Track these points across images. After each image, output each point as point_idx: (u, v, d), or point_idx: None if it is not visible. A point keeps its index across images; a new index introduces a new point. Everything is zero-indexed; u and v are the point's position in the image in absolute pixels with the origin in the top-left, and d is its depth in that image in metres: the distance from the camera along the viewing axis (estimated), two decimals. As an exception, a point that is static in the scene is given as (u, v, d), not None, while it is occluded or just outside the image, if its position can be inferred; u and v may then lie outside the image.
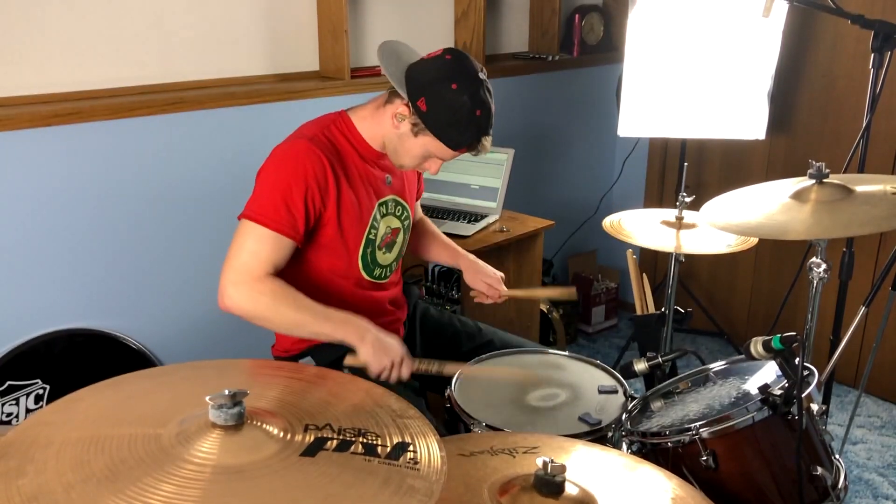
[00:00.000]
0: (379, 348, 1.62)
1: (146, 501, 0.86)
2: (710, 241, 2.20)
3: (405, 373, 1.65)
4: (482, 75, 1.65)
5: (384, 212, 1.82)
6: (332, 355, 1.75)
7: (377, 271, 1.83)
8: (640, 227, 2.30)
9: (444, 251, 2.11)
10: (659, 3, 2.81)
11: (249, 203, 1.64)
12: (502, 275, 2.05)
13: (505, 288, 2.03)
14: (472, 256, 2.08)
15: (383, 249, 1.83)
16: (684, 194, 2.30)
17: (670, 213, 2.34)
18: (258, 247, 1.60)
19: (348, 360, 1.65)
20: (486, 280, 2.02)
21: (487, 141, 1.69)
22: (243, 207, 1.64)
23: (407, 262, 2.78)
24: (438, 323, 2.06)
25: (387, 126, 1.71)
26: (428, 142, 1.67)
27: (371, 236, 1.78)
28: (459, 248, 2.11)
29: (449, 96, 1.61)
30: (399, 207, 1.86)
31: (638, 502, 1.21)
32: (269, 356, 1.90)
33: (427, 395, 1.93)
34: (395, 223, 1.86)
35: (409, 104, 1.64)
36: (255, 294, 1.59)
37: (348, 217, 1.71)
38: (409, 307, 2.02)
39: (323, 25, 2.61)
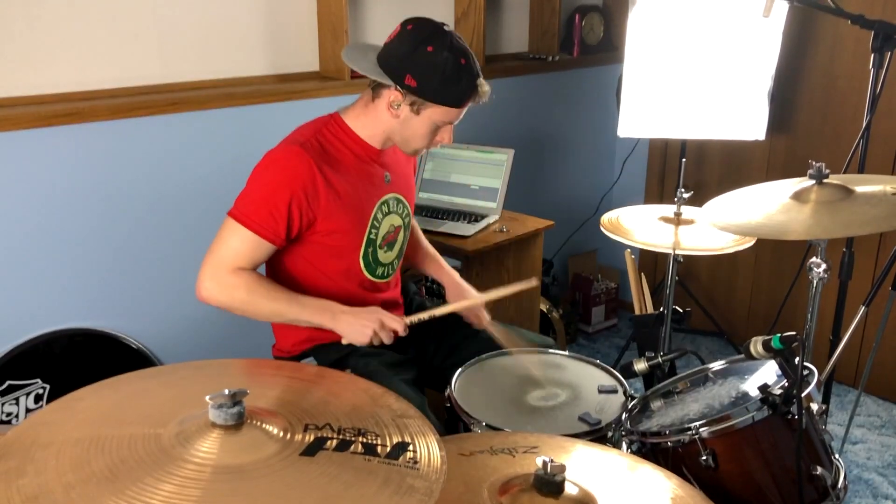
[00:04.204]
0: (353, 319, 1.66)
1: (146, 501, 0.86)
2: (708, 240, 2.19)
3: (398, 328, 1.67)
4: (447, 27, 1.65)
5: (386, 210, 1.82)
6: (333, 355, 1.75)
7: (379, 270, 1.83)
8: (639, 224, 2.30)
9: (429, 264, 2.09)
10: (659, 3, 2.81)
11: (237, 201, 1.66)
12: (484, 298, 1.93)
13: (487, 316, 1.95)
14: (455, 276, 2.04)
15: (384, 248, 1.83)
16: (682, 190, 2.30)
17: (669, 210, 2.34)
18: (238, 245, 1.64)
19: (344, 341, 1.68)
20: (467, 305, 1.96)
21: (484, 84, 1.68)
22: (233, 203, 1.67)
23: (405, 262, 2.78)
24: (437, 321, 2.06)
25: (385, 119, 1.70)
26: (432, 113, 1.67)
27: (372, 236, 1.78)
28: (444, 265, 2.08)
29: (431, 59, 1.61)
30: (400, 205, 1.86)
31: (638, 502, 1.21)
32: (269, 356, 1.90)
33: (426, 394, 1.93)
34: (397, 221, 1.86)
35: (398, 87, 1.64)
36: (229, 286, 1.64)
37: (346, 219, 1.71)
38: (406, 305, 2.02)
39: (323, 25, 2.61)
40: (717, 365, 1.71)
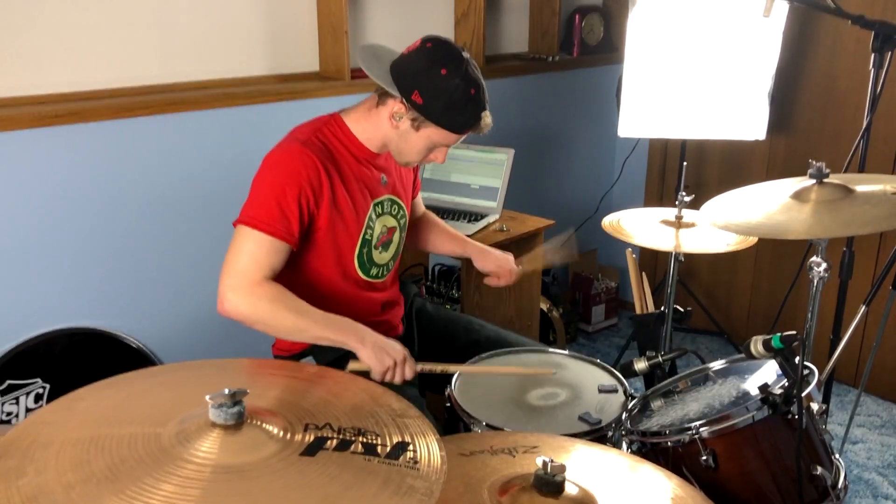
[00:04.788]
0: (380, 350, 1.62)
1: (146, 501, 0.86)
2: (709, 240, 2.20)
3: (408, 373, 1.65)
4: (466, 55, 1.65)
5: (380, 211, 1.82)
6: (332, 355, 1.75)
7: (374, 270, 1.84)
8: (640, 227, 2.30)
9: (451, 242, 2.13)
10: (659, 3, 2.81)
11: (244, 208, 1.63)
12: (510, 254, 2.07)
13: (515, 266, 2.05)
14: (479, 244, 2.10)
15: (379, 249, 1.84)
16: (683, 193, 2.30)
17: (670, 213, 2.34)
18: (255, 251, 1.60)
19: (351, 366, 1.63)
20: (496, 261, 2.04)
21: (487, 117, 1.69)
22: (238, 213, 1.64)
23: (406, 260, 2.78)
24: (435, 319, 2.07)
25: (385, 127, 1.71)
26: (431, 133, 1.67)
27: (367, 236, 1.79)
28: (466, 238, 2.14)
29: (441, 82, 1.61)
30: (395, 206, 1.87)
31: (638, 502, 1.21)
32: (269, 356, 1.90)
33: (426, 395, 1.93)
34: (392, 222, 1.86)
35: (404, 100, 1.64)
36: (253, 299, 1.59)
37: (343, 218, 1.71)
38: (406, 304, 2.03)
39: (323, 26, 2.61)
40: (717, 364, 1.71)
